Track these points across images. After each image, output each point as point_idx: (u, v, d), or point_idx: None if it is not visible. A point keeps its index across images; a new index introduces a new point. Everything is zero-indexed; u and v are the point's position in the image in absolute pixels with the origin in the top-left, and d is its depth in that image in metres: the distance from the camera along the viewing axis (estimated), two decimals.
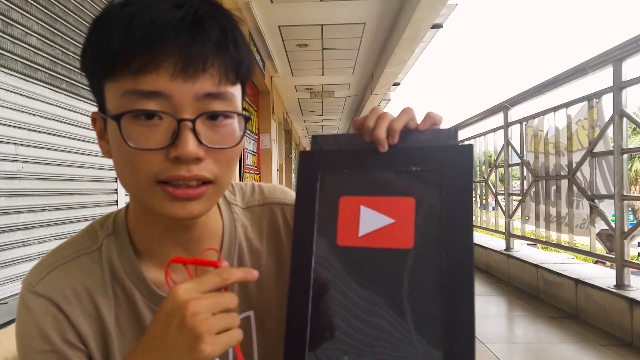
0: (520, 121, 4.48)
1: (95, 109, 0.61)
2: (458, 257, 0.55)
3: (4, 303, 1.64)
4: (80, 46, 0.59)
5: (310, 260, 0.61)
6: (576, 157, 3.54)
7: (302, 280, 0.60)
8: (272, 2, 4.98)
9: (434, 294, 0.55)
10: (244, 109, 0.61)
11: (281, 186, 0.81)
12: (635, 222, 2.94)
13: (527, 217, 4.40)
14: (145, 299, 0.65)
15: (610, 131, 3.13)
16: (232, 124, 0.58)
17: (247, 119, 0.60)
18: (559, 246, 3.84)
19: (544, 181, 4.05)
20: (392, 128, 0.61)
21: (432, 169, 0.60)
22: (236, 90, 0.59)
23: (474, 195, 5.97)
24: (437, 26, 6.00)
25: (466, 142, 6.06)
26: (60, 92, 2.01)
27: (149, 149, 0.53)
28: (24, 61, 1.79)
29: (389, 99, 10.23)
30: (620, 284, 2.94)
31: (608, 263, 3.34)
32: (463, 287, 0.54)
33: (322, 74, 8.16)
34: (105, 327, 0.64)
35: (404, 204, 0.59)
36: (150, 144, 0.53)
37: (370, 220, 0.60)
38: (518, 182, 4.65)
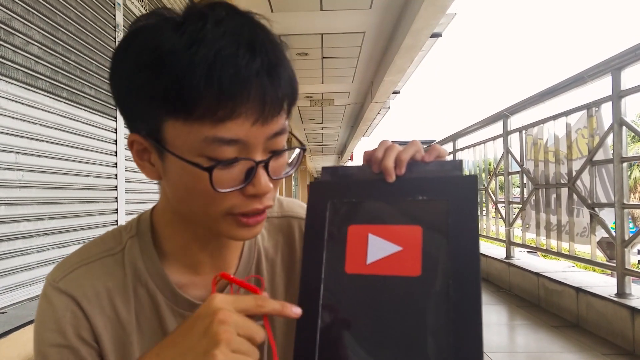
0: (519, 129, 4.49)
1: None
2: (465, 284, 0.56)
3: (3, 312, 1.63)
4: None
5: (319, 287, 0.62)
6: (576, 166, 3.54)
7: (311, 307, 0.61)
8: (272, 11, 5.01)
9: (441, 322, 0.56)
10: (291, 133, 0.66)
11: (299, 201, 0.84)
12: (635, 230, 2.94)
13: (527, 225, 4.39)
14: (168, 300, 0.68)
15: (609, 139, 3.14)
16: (286, 152, 0.62)
17: (304, 150, 0.66)
18: (559, 254, 3.84)
19: (544, 189, 4.05)
20: (400, 159, 0.63)
21: (438, 198, 0.61)
22: None
23: None
24: (437, 35, 6.03)
25: (466, 151, 6.07)
26: (61, 101, 2.02)
27: (232, 190, 0.57)
28: (25, 70, 1.80)
29: (389, 107, 10.26)
30: (621, 292, 2.93)
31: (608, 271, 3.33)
32: (470, 315, 0.55)
33: (322, 83, 8.19)
34: (123, 328, 0.66)
35: (411, 232, 0.60)
36: (230, 184, 0.57)
37: (378, 248, 0.61)
38: (518, 189, 4.65)
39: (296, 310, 0.56)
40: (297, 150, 0.66)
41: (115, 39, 2.52)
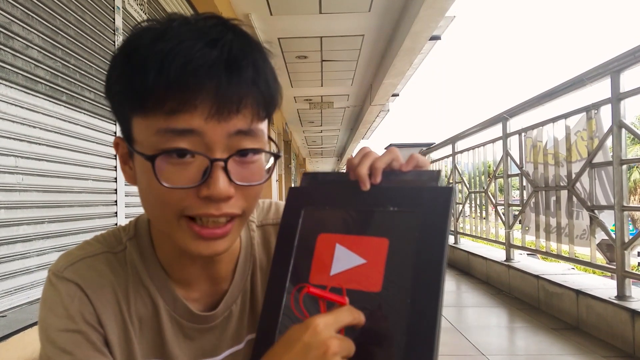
0: (519, 132, 4.48)
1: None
2: (422, 305, 0.53)
3: (3, 316, 1.63)
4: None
5: (281, 297, 0.60)
6: (575, 168, 3.54)
7: (272, 317, 0.60)
8: (271, 14, 5.02)
9: (395, 341, 0.53)
10: (269, 137, 0.62)
11: None
12: (635, 232, 2.94)
13: (527, 228, 4.39)
14: (168, 306, 0.68)
15: (609, 142, 3.14)
16: (260, 159, 0.59)
17: (277, 157, 0.61)
18: (559, 257, 3.83)
19: (543, 192, 4.05)
20: (374, 167, 0.61)
21: (409, 210, 0.58)
22: (264, 125, 0.60)
23: (473, 205, 5.96)
24: (436, 38, 6.05)
25: (466, 154, 6.07)
26: (60, 105, 2.02)
27: (181, 188, 0.54)
28: (25, 74, 1.80)
29: (388, 110, 10.26)
30: (621, 294, 2.93)
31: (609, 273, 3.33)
32: (424, 337, 0.52)
33: (322, 85, 8.20)
34: (125, 324, 0.66)
35: (377, 244, 0.58)
36: (182, 181, 0.54)
37: (344, 259, 0.59)
38: (517, 192, 4.65)
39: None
40: (271, 156, 0.61)
41: (114, 42, 2.52)
